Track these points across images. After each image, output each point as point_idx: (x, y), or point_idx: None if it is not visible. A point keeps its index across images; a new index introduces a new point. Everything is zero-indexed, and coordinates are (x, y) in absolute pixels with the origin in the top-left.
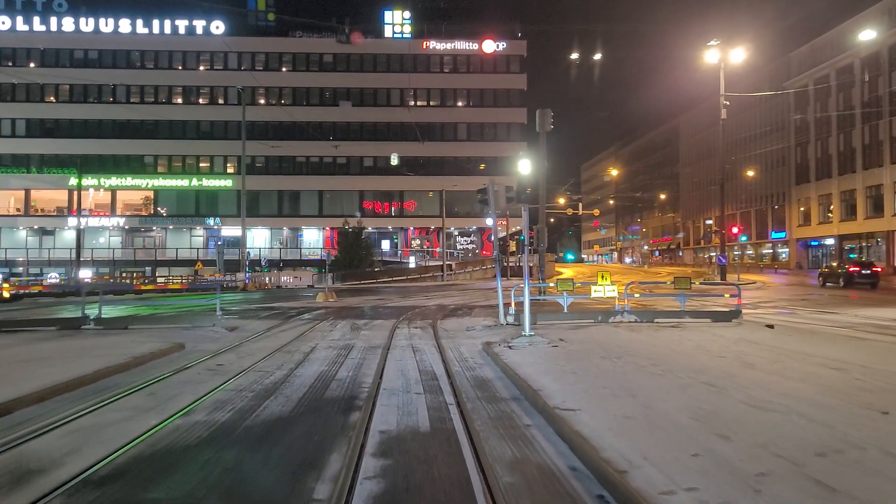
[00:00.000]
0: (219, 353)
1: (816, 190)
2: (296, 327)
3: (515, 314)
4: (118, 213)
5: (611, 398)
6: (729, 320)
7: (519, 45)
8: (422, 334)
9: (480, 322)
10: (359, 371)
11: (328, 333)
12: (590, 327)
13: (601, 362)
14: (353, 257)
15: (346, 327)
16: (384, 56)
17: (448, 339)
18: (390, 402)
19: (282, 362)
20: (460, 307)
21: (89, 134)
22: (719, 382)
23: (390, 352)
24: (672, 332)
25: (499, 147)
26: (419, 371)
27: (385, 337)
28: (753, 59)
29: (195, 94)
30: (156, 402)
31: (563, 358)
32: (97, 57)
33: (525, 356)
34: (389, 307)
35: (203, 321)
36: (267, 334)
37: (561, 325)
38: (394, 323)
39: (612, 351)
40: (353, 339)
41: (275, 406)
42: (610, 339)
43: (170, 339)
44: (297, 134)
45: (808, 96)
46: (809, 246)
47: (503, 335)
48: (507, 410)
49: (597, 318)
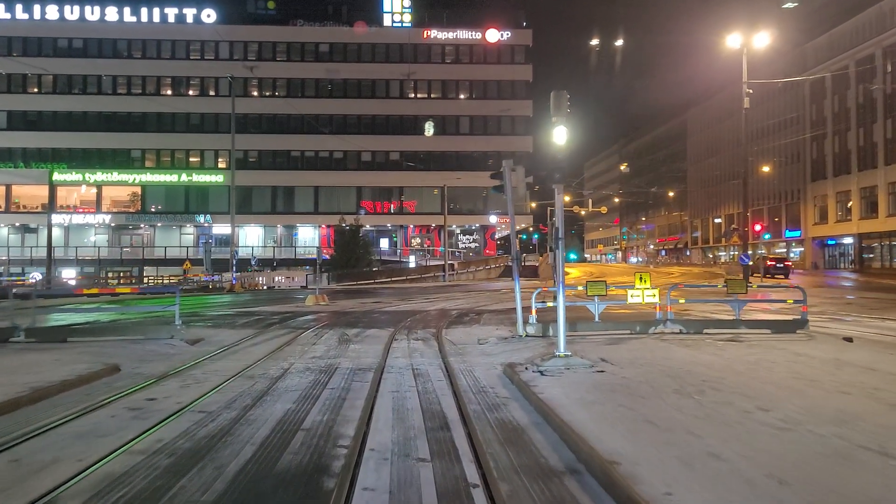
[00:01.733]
0: (160, 380)
1: (834, 186)
2: (273, 339)
3: (537, 324)
4: (104, 209)
5: (741, 484)
6: (793, 331)
7: (524, 34)
8: (424, 349)
9: (493, 332)
10: (338, 412)
11: (310, 348)
12: (630, 341)
13: (680, 402)
14: (350, 256)
15: (334, 339)
16: (383, 46)
17: (457, 357)
18: (379, 478)
19: (237, 395)
20: (466, 312)
21: (74, 127)
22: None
23: (384, 377)
24: (738, 349)
25: (503, 141)
26: (422, 411)
27: (379, 353)
28: (765, 51)
29: (185, 86)
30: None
31: (622, 392)
32: (82, 46)
33: (566, 388)
34: (387, 312)
35: (163, 332)
36: (235, 349)
37: (594, 338)
38: (391, 333)
39: (684, 380)
40: (340, 356)
41: (192, 490)
42: (666, 359)
43: (104, 359)
44: (292, 127)
45: (824, 90)
46: (826, 245)
47: (526, 352)
48: (567, 501)
49: (634, 328)
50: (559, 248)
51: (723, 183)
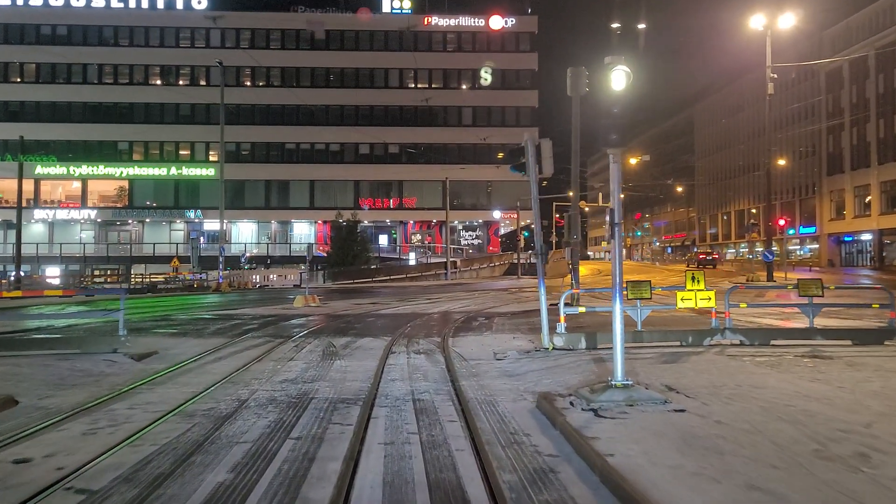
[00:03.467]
0: (60, 422)
1: (852, 180)
2: (244, 351)
3: (567, 334)
4: (90, 204)
5: None
6: (880, 342)
7: (529, 21)
8: (427, 367)
9: (511, 342)
10: (297, 491)
11: (284, 365)
12: (689, 357)
13: (844, 479)
14: (347, 254)
15: (318, 352)
16: (382, 33)
17: (471, 379)
18: None
19: (155, 452)
20: (474, 316)
21: (58, 118)
22: None
23: (375, 413)
24: (840, 371)
25: (507, 133)
26: (429, 487)
27: (370, 373)
28: (781, 39)
29: (174, 75)
30: None
31: (732, 454)
32: (66, 33)
33: (643, 443)
34: (384, 315)
35: (105, 344)
36: (190, 367)
37: (641, 353)
38: (387, 344)
39: (808, 427)
40: (319, 378)
41: None
42: (756, 388)
43: (3, 384)
44: (287, 118)
45: (841, 79)
46: (842, 241)
47: (561, 372)
48: None
49: (685, 339)
50: (616, 237)
51: (733, 178)
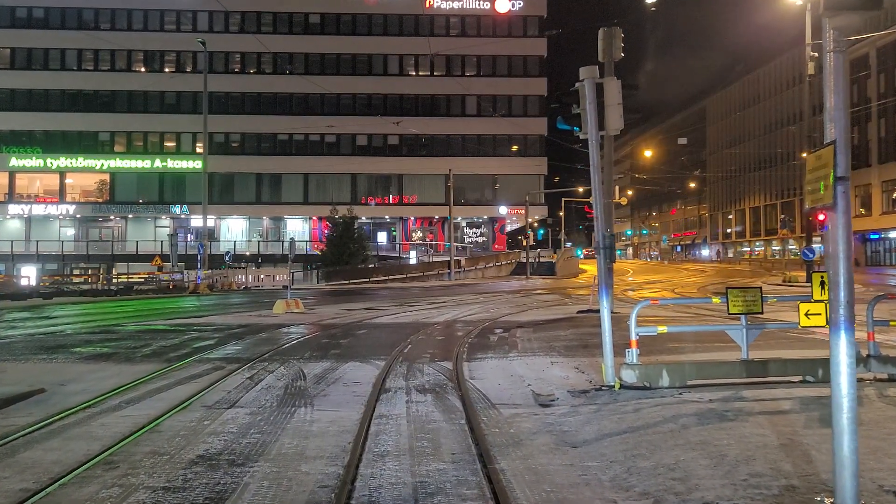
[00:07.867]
0: None
1: (880, 174)
2: (169, 389)
3: (643, 369)
4: (69, 199)
5: None
6: None
7: (538, 4)
8: (439, 425)
9: (550, 371)
10: None
11: (215, 420)
12: None
13: None
14: (343, 252)
15: (276, 390)
16: (380, 17)
17: (514, 458)
18: None
19: None
20: (489, 327)
21: (34, 106)
22: None
23: None
24: None
25: (514, 124)
26: None
27: (345, 440)
28: (793, 31)
29: (159, 61)
30: None
31: None
32: (44, 16)
33: None
34: (379, 327)
35: None
36: (71, 421)
37: (759, 394)
38: (378, 375)
39: None
40: (260, 451)
41: None
42: None
43: None
44: (280, 107)
45: (868, 66)
46: (868, 240)
47: (659, 441)
48: None
49: (814, 372)
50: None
51: (747, 173)
